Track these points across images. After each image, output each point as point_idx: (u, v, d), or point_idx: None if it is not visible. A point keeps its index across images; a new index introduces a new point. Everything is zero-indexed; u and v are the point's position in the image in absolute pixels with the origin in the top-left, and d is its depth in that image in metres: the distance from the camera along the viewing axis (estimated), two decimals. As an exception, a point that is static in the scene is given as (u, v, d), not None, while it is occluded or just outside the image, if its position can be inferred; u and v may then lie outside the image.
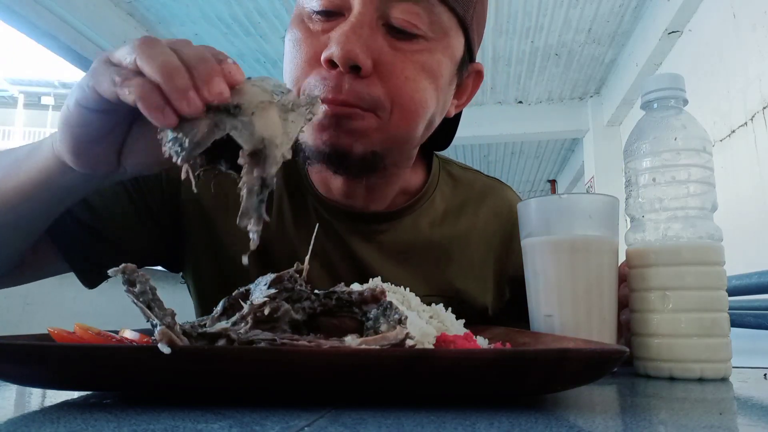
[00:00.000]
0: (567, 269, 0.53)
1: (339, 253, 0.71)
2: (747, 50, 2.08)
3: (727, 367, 0.52)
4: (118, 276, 0.38)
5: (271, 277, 0.42)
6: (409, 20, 0.58)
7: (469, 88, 0.71)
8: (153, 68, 0.38)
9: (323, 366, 0.33)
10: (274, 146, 0.38)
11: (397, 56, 0.58)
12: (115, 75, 0.39)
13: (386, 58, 0.58)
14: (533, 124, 4.32)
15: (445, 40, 0.61)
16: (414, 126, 0.62)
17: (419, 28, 0.59)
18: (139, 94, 0.37)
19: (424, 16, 0.59)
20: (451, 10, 0.60)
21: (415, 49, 0.59)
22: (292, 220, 0.71)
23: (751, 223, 2.01)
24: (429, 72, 0.60)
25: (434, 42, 0.60)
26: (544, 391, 0.38)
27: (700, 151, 0.55)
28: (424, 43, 0.60)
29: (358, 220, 0.71)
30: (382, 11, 0.58)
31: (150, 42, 0.40)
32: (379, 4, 0.57)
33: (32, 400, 0.40)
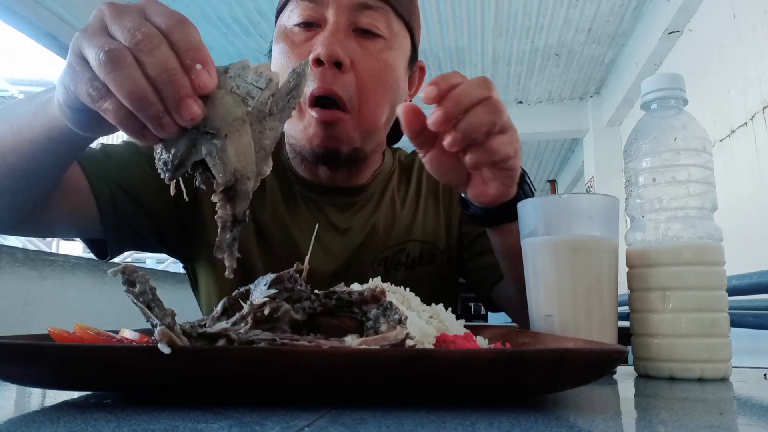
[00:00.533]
0: (567, 269, 0.53)
1: (322, 222, 0.84)
2: (747, 50, 2.08)
3: (727, 367, 0.52)
4: (118, 276, 0.38)
5: (271, 277, 0.42)
6: (373, 23, 0.75)
7: (416, 81, 0.90)
8: (122, 97, 0.38)
9: (323, 366, 0.33)
10: (245, 180, 0.40)
11: (365, 55, 0.75)
12: (90, 88, 0.40)
13: (358, 57, 0.74)
14: (533, 124, 4.32)
15: (398, 40, 0.79)
16: (378, 114, 0.77)
17: (380, 29, 0.76)
18: (116, 120, 0.39)
19: (383, 22, 0.76)
20: (400, 17, 0.79)
21: (378, 48, 0.76)
22: (283, 206, 0.84)
23: (751, 223, 2.01)
24: (389, 66, 0.77)
25: (391, 41, 0.78)
26: (544, 391, 0.38)
27: (700, 151, 0.55)
28: (383, 43, 0.77)
29: (338, 194, 0.85)
30: (352, 20, 0.75)
31: (113, 55, 0.38)
32: (349, 15, 0.74)
33: (32, 400, 0.40)
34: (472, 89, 0.52)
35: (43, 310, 2.11)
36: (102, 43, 0.39)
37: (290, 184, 0.85)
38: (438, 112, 0.51)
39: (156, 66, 0.38)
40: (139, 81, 0.38)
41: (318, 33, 0.74)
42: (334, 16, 0.73)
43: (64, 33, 2.65)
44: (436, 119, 0.51)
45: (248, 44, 3.41)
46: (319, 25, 0.74)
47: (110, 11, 0.41)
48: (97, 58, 0.39)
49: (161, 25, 0.40)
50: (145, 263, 6.12)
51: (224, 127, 0.39)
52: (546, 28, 3.25)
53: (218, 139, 0.39)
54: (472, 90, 0.52)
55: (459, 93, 0.51)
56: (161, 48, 0.39)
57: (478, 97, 0.52)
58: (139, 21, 0.40)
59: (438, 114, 0.51)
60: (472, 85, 0.52)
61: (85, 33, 0.41)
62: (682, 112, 0.57)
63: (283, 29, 0.77)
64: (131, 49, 0.39)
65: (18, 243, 5.93)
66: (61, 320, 0.56)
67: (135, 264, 0.45)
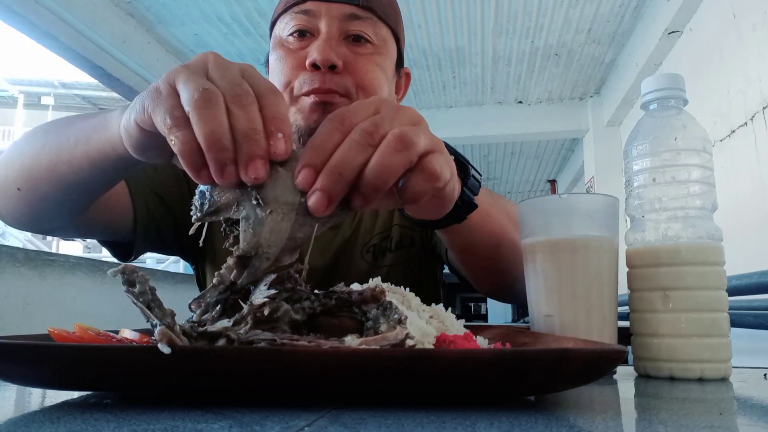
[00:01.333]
0: (567, 269, 0.53)
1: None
2: (747, 50, 2.08)
3: (727, 367, 0.52)
4: (117, 276, 0.37)
5: (272, 278, 0.42)
6: (362, 30, 0.81)
7: (402, 86, 0.94)
8: (201, 132, 0.39)
9: (323, 366, 0.33)
10: (264, 258, 0.40)
11: (357, 58, 0.80)
12: (168, 116, 0.40)
13: (351, 59, 0.79)
14: (533, 124, 4.32)
15: (386, 45, 0.84)
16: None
17: (369, 36, 0.81)
18: (181, 151, 0.40)
19: (371, 29, 0.82)
20: (386, 25, 0.84)
21: (368, 52, 0.81)
22: None
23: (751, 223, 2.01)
24: (380, 67, 0.82)
25: (379, 47, 0.83)
26: (544, 391, 0.38)
27: (700, 151, 0.55)
28: (372, 48, 0.82)
29: None
30: (342, 29, 0.80)
31: (209, 95, 0.39)
32: (339, 25, 0.80)
33: (32, 400, 0.40)
34: (353, 148, 0.40)
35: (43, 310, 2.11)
36: (202, 83, 0.40)
37: None
38: (317, 195, 0.39)
39: (243, 120, 0.39)
40: (222, 124, 0.39)
41: (312, 41, 0.79)
42: (326, 26, 0.79)
43: (64, 33, 2.65)
44: (314, 204, 0.39)
45: (248, 44, 3.41)
46: (312, 35, 0.80)
47: (216, 60, 0.43)
48: (192, 92, 0.40)
49: (257, 88, 0.41)
50: (145, 263, 6.12)
51: (273, 204, 0.40)
52: (546, 28, 3.25)
53: (262, 210, 0.40)
54: (353, 148, 0.40)
55: (337, 162, 0.40)
56: (252, 108, 0.40)
57: (365, 154, 0.40)
58: (240, 78, 0.42)
59: (316, 198, 0.39)
60: (356, 138, 0.40)
61: (186, 69, 0.42)
62: (682, 112, 0.57)
63: (279, 39, 0.82)
64: (226, 98, 0.40)
65: (18, 243, 5.94)
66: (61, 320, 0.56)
67: (135, 264, 0.45)
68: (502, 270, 0.71)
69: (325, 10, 0.80)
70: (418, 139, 0.42)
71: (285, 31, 0.82)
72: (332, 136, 0.41)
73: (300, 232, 0.41)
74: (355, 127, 0.41)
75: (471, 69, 3.79)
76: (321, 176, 0.39)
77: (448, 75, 3.89)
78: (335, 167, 0.39)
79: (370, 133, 0.41)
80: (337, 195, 0.40)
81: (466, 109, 4.41)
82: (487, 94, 4.18)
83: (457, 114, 4.41)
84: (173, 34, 3.33)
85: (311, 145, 0.41)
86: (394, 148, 0.40)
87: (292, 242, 0.41)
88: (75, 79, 10.82)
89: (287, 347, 0.35)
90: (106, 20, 2.92)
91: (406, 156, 0.41)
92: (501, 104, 4.35)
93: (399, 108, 0.44)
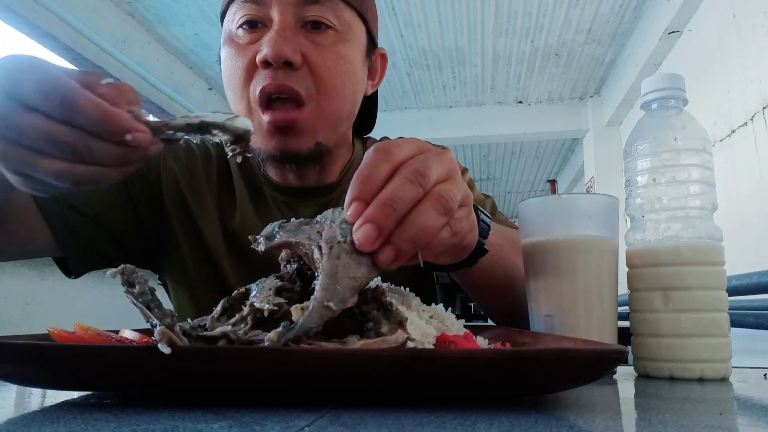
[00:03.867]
0: (567, 269, 0.53)
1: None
2: (747, 50, 2.08)
3: (727, 367, 0.52)
4: (117, 277, 0.38)
5: (276, 284, 0.42)
6: (321, 15, 0.70)
7: (378, 69, 0.84)
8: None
9: (323, 366, 0.33)
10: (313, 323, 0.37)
11: (318, 50, 0.70)
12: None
13: (309, 52, 0.70)
14: (533, 124, 4.32)
15: (351, 30, 0.74)
16: (339, 105, 0.73)
17: (330, 21, 0.71)
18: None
19: (331, 13, 0.71)
20: (350, 6, 0.74)
21: (330, 41, 0.71)
22: (254, 212, 0.81)
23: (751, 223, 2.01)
24: (344, 59, 0.72)
25: (343, 33, 0.73)
26: (544, 391, 0.38)
27: (700, 151, 0.55)
28: (335, 35, 0.72)
29: (309, 195, 0.81)
30: (298, 16, 0.70)
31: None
32: (294, 11, 0.69)
33: (32, 400, 0.40)
34: (406, 185, 0.39)
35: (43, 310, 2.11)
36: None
37: (261, 187, 0.82)
38: (367, 227, 0.38)
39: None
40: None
41: (264, 33, 0.69)
42: (279, 14, 0.69)
43: (64, 33, 2.65)
44: (363, 236, 0.37)
45: (248, 44, 3.41)
46: (264, 25, 0.70)
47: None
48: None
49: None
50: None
51: (330, 242, 0.39)
52: (546, 28, 3.25)
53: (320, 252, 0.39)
54: (406, 185, 0.39)
55: (389, 195, 0.38)
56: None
57: (416, 192, 0.39)
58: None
59: (365, 230, 0.37)
60: (407, 176, 0.39)
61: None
62: (682, 112, 0.57)
63: (228, 33, 0.73)
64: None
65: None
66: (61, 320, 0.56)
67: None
68: (515, 306, 0.67)
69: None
70: (456, 200, 0.41)
71: (233, 23, 0.72)
72: (380, 168, 0.39)
73: (358, 272, 0.38)
74: (404, 162, 0.40)
75: (471, 69, 3.79)
76: (371, 207, 0.38)
77: (448, 75, 3.89)
78: (387, 199, 0.38)
79: (422, 174, 0.39)
80: (387, 228, 0.37)
81: (466, 109, 4.41)
82: (487, 94, 4.19)
83: (457, 114, 4.41)
84: (173, 34, 3.33)
85: (359, 178, 0.39)
86: (437, 210, 0.39)
87: (353, 281, 0.37)
88: (75, 79, 10.79)
89: (287, 347, 0.35)
90: (106, 20, 2.92)
91: (445, 219, 0.40)
92: (501, 104, 4.35)
93: (439, 152, 0.43)
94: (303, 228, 0.41)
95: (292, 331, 0.35)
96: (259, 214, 0.80)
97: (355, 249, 0.38)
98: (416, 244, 0.39)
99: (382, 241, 0.38)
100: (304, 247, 0.39)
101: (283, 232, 0.40)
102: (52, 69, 0.40)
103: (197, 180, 0.81)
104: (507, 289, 0.67)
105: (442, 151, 0.44)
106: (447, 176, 0.42)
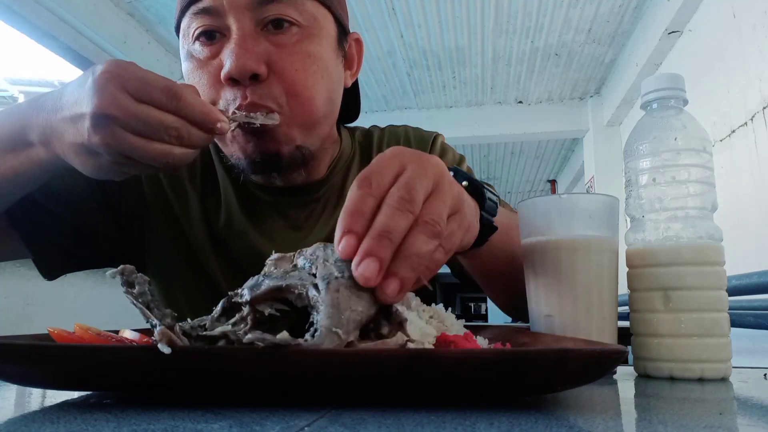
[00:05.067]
0: (567, 269, 0.53)
1: (283, 224, 0.79)
2: (747, 50, 2.08)
3: (727, 367, 0.52)
4: (116, 277, 0.37)
5: (279, 285, 0.42)
6: (281, 12, 0.66)
7: (355, 56, 0.80)
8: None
9: (323, 366, 0.33)
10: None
11: (283, 53, 0.66)
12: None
13: (275, 57, 0.65)
14: (533, 124, 4.32)
15: (317, 23, 0.69)
16: (314, 108, 0.69)
17: (292, 17, 0.67)
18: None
19: (292, 8, 0.67)
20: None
21: (295, 39, 0.67)
22: (240, 211, 0.78)
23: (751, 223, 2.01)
24: (314, 57, 0.68)
25: (308, 28, 0.68)
26: (544, 391, 0.38)
27: (700, 151, 0.55)
28: (299, 32, 0.67)
29: (296, 193, 0.79)
30: (257, 19, 0.65)
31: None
32: (251, 15, 0.65)
33: (32, 400, 0.40)
34: (396, 215, 0.39)
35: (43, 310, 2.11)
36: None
37: (246, 187, 0.80)
38: (368, 261, 0.37)
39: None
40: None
41: (224, 43, 0.65)
42: (236, 21, 0.64)
43: (64, 33, 2.65)
44: (366, 270, 0.37)
45: (248, 44, 3.41)
46: (223, 34, 0.66)
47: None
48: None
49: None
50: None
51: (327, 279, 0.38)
52: (546, 28, 3.25)
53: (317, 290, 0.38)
54: (396, 215, 0.39)
55: (383, 227, 0.38)
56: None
57: (407, 221, 0.39)
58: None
59: (367, 264, 0.37)
60: (395, 205, 0.39)
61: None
62: (682, 112, 0.57)
63: (186, 47, 0.69)
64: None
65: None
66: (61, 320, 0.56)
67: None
68: (520, 289, 0.66)
69: (228, 3, 0.64)
70: (443, 219, 0.41)
71: (189, 36, 0.68)
72: (366, 202, 0.39)
73: (359, 305, 0.37)
74: (388, 191, 0.40)
75: (471, 69, 3.79)
76: (367, 241, 0.38)
77: (448, 75, 3.89)
78: (382, 230, 0.38)
79: (409, 200, 0.40)
80: (387, 260, 0.38)
81: (466, 109, 4.41)
82: (487, 94, 4.18)
83: (457, 114, 4.41)
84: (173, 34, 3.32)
85: (347, 212, 0.39)
86: (427, 235, 0.40)
87: (354, 314, 0.37)
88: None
89: (287, 347, 0.35)
90: (106, 20, 2.92)
91: (437, 242, 0.41)
92: (501, 104, 4.35)
93: (422, 162, 0.43)
94: (291, 274, 0.40)
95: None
96: (245, 213, 0.79)
97: (354, 284, 0.37)
98: (416, 271, 0.39)
99: (383, 274, 0.38)
100: (296, 288, 0.38)
101: (269, 280, 0.39)
102: (149, 71, 0.51)
103: (180, 179, 0.79)
104: (511, 271, 0.66)
105: (423, 158, 0.44)
106: (434, 187, 0.42)
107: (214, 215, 0.79)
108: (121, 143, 0.50)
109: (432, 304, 0.54)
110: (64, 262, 0.74)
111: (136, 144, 0.50)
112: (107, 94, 0.49)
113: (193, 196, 0.79)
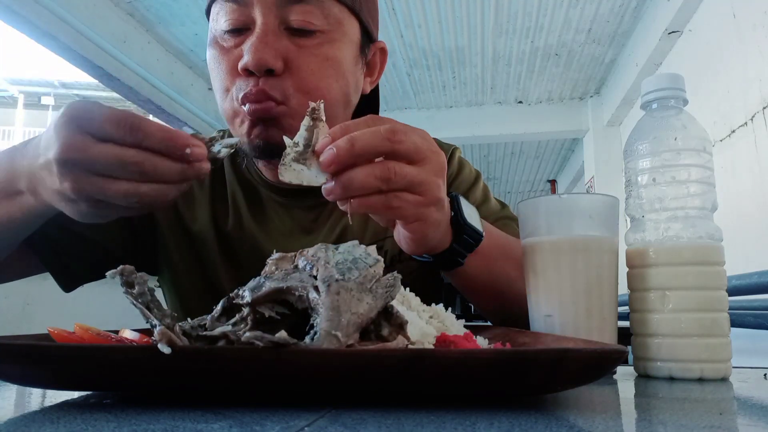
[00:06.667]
0: (567, 269, 0.53)
1: (291, 227, 0.80)
2: (747, 50, 2.08)
3: (727, 367, 0.52)
4: (116, 278, 0.37)
5: (280, 286, 0.42)
6: (306, 19, 0.67)
7: (377, 65, 0.80)
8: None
9: (323, 366, 0.33)
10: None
11: (302, 53, 0.67)
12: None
13: (293, 56, 0.67)
14: (533, 124, 4.32)
15: (341, 28, 0.70)
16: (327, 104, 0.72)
17: (315, 24, 0.67)
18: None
19: (318, 13, 0.67)
20: (339, 2, 0.69)
21: (316, 43, 0.68)
22: (249, 213, 0.79)
23: (751, 223, 2.01)
24: (331, 60, 0.69)
25: (331, 33, 0.69)
26: (544, 391, 0.38)
27: (700, 151, 0.55)
28: (322, 37, 0.68)
29: (306, 195, 0.79)
30: (282, 18, 0.67)
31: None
32: (277, 12, 0.66)
33: (32, 400, 0.40)
34: (375, 134, 0.47)
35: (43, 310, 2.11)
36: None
37: (256, 188, 0.81)
38: (328, 150, 0.46)
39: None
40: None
41: (248, 36, 0.67)
42: (262, 16, 0.66)
43: (64, 33, 2.65)
44: (325, 159, 0.46)
45: (248, 44, 3.40)
46: (248, 28, 0.68)
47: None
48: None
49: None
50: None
51: (327, 282, 0.39)
52: (546, 28, 3.25)
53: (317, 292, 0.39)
54: (375, 134, 0.47)
55: (355, 134, 0.47)
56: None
57: (379, 142, 0.47)
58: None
59: (327, 152, 0.46)
60: (381, 129, 0.48)
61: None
62: (682, 112, 0.57)
63: (214, 34, 0.71)
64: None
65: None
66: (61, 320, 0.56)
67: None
68: (506, 309, 0.70)
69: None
70: (401, 177, 0.49)
71: (218, 24, 0.69)
72: (359, 125, 0.48)
73: (359, 308, 0.38)
74: (384, 125, 0.48)
75: (471, 69, 3.79)
76: (338, 141, 0.46)
77: (448, 75, 3.89)
78: (352, 137, 0.46)
79: (394, 131, 0.48)
80: (343, 160, 0.46)
81: (466, 109, 4.41)
82: (487, 94, 4.18)
83: (457, 114, 4.41)
84: (173, 34, 3.33)
85: (341, 126, 0.47)
86: (375, 174, 0.47)
87: (355, 317, 0.37)
88: (75, 79, 10.81)
89: (287, 347, 0.35)
90: (106, 20, 2.92)
91: (379, 185, 0.48)
92: (501, 104, 4.35)
93: (438, 152, 0.52)
94: (292, 276, 0.40)
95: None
96: (253, 216, 0.79)
97: (355, 287, 0.38)
98: (346, 190, 0.47)
99: (336, 170, 0.46)
100: (297, 290, 0.39)
101: (270, 282, 0.39)
102: (111, 107, 0.48)
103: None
104: (496, 297, 0.71)
105: (442, 157, 0.52)
106: (418, 158, 0.50)
107: (223, 218, 0.79)
108: (88, 186, 0.47)
109: (433, 303, 0.54)
110: (81, 276, 0.75)
111: (101, 185, 0.47)
112: (65, 137, 0.47)
113: (201, 199, 0.80)
